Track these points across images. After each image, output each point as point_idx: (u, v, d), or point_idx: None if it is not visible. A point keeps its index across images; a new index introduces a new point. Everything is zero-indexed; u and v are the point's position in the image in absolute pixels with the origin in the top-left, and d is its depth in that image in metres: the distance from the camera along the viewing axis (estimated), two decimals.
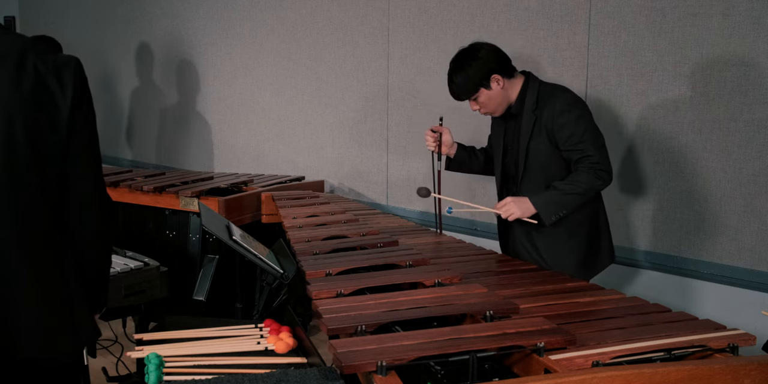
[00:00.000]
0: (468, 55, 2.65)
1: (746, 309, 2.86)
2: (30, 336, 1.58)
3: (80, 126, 1.61)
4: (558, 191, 2.55)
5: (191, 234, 3.73)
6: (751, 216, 2.85)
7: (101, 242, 1.73)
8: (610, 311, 1.81)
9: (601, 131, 2.64)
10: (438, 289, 1.93)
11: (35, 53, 1.58)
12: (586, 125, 2.58)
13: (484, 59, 2.62)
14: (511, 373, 1.52)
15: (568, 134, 2.56)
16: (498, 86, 2.63)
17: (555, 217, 2.55)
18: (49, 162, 1.58)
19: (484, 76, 2.61)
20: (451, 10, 3.69)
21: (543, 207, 2.54)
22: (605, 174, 2.54)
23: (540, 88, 2.66)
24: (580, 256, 2.68)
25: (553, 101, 2.60)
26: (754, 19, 2.76)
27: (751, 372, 1.35)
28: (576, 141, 2.55)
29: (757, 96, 2.78)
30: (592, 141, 2.55)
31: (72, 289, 1.65)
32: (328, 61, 4.32)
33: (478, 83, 2.62)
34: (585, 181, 2.53)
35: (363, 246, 2.47)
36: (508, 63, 2.68)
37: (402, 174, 4.05)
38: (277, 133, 4.68)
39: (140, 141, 5.68)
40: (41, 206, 1.59)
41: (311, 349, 1.87)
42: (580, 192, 2.53)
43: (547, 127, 2.60)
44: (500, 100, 2.67)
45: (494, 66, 2.62)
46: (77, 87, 1.61)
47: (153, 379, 1.70)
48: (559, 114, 2.58)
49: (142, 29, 5.52)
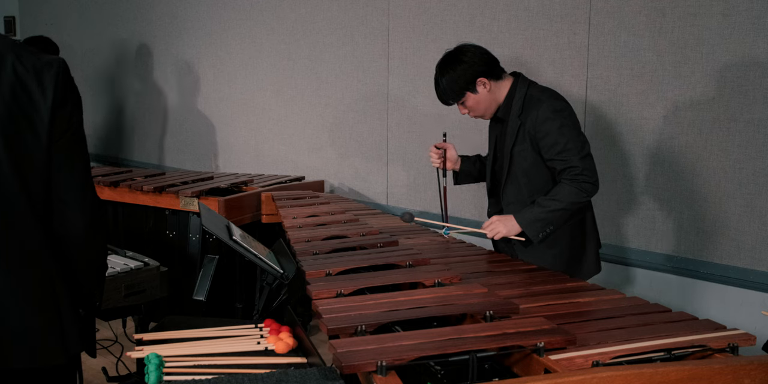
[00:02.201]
0: (453, 59, 2.60)
1: (746, 309, 2.86)
2: (21, 346, 1.57)
3: (62, 128, 1.59)
4: (542, 208, 2.48)
5: (191, 234, 3.73)
6: (751, 216, 2.85)
7: (90, 246, 1.69)
8: (610, 311, 1.81)
9: (586, 139, 2.56)
10: (438, 289, 1.93)
11: (15, 54, 1.57)
12: (570, 134, 2.49)
13: (470, 62, 2.56)
14: (511, 373, 1.52)
15: (551, 143, 2.49)
16: (485, 89, 2.58)
17: (542, 234, 2.49)
18: (30, 164, 1.56)
19: (470, 79, 2.56)
20: (451, 10, 3.69)
21: (528, 225, 2.49)
22: (589, 186, 2.47)
23: (528, 91, 2.58)
24: (561, 265, 2.58)
25: (537, 107, 2.52)
26: (754, 19, 2.76)
27: (751, 372, 1.35)
28: (559, 150, 2.48)
29: (757, 96, 2.78)
30: (576, 150, 2.47)
31: (61, 297, 1.62)
32: (328, 61, 4.32)
33: (464, 87, 2.57)
34: (568, 194, 2.45)
35: (363, 246, 2.47)
36: (495, 65, 2.62)
37: (402, 174, 4.05)
38: (277, 133, 4.68)
39: (140, 141, 5.68)
40: (24, 210, 1.57)
41: (311, 349, 1.87)
42: (565, 207, 2.46)
43: (530, 134, 2.54)
44: (488, 103, 2.62)
45: (480, 69, 2.56)
46: (58, 88, 1.59)
47: (153, 379, 1.70)
48: (542, 122, 2.50)
49: (142, 29, 5.52)
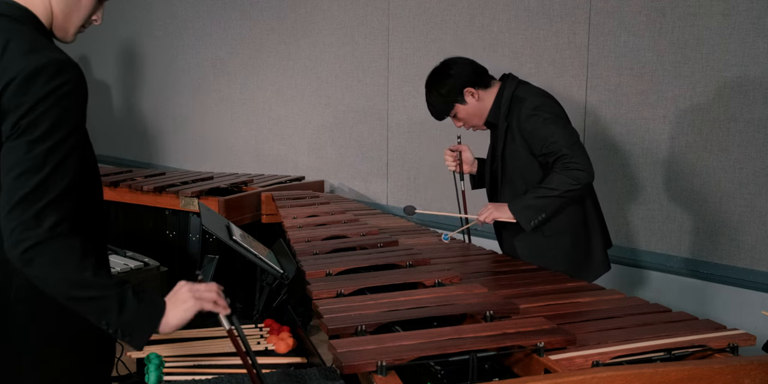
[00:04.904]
0: (441, 73, 2.61)
1: (746, 309, 2.86)
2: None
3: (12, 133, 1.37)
4: (533, 195, 2.48)
5: (191, 234, 3.73)
6: (751, 216, 2.85)
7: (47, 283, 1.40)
8: (610, 311, 1.81)
9: (574, 130, 2.54)
10: (438, 289, 1.93)
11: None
12: (555, 127, 2.48)
13: (457, 75, 2.57)
14: (511, 373, 1.52)
15: (539, 139, 2.49)
16: (474, 99, 2.58)
17: (534, 221, 2.49)
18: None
19: (458, 91, 2.57)
20: (451, 10, 3.69)
21: (520, 212, 2.49)
22: (580, 173, 2.43)
23: (514, 92, 2.58)
24: (567, 265, 2.56)
25: (519, 107, 2.53)
26: (754, 19, 2.76)
27: (751, 372, 1.35)
28: (547, 144, 2.47)
29: (757, 96, 2.78)
30: (563, 141, 2.46)
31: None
32: (328, 61, 4.32)
33: (453, 100, 2.58)
34: (558, 182, 2.44)
35: (363, 246, 2.47)
36: (483, 74, 2.62)
37: (402, 174, 4.05)
38: (277, 133, 4.68)
39: (140, 141, 5.68)
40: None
41: (311, 349, 1.87)
42: (556, 194, 2.45)
43: (518, 134, 2.55)
44: (479, 112, 2.62)
45: (468, 79, 2.57)
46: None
47: (153, 379, 1.70)
48: (525, 120, 2.51)
49: (141, 29, 5.52)
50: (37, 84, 1.35)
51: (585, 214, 2.65)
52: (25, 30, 1.44)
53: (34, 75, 1.35)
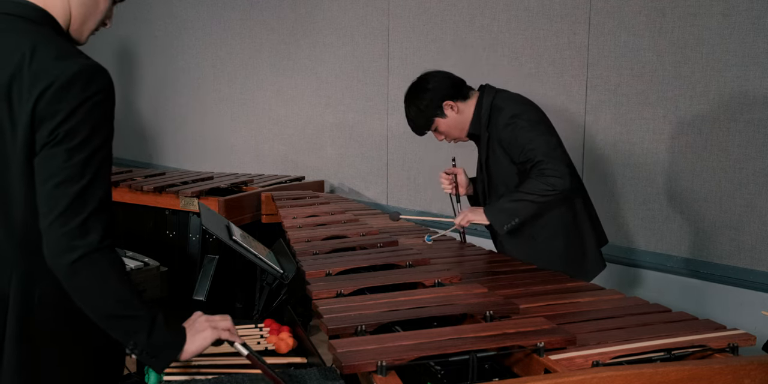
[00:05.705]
0: (418, 88, 2.61)
1: (746, 309, 2.86)
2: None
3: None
4: (507, 199, 2.51)
5: (191, 234, 3.73)
6: (751, 216, 2.85)
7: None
8: (610, 311, 1.81)
9: (554, 135, 2.54)
10: (438, 289, 1.93)
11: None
12: (532, 134, 2.49)
13: (434, 89, 2.58)
14: (511, 373, 1.52)
15: (517, 147, 2.50)
16: (453, 112, 2.59)
17: (507, 226, 2.51)
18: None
19: (437, 104, 2.58)
20: (451, 10, 3.69)
21: (494, 215, 2.51)
22: (555, 179, 2.43)
23: (493, 101, 2.58)
24: (562, 267, 2.52)
25: (497, 116, 2.54)
26: (754, 19, 2.76)
27: (751, 372, 1.35)
28: (525, 151, 2.49)
29: (757, 96, 2.78)
30: (541, 148, 2.47)
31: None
32: (328, 61, 4.32)
33: (432, 114, 2.59)
34: (532, 188, 2.45)
35: (363, 246, 2.47)
36: (461, 87, 2.62)
37: (402, 174, 4.05)
38: (277, 133, 4.68)
39: (140, 141, 5.68)
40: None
41: (311, 349, 1.87)
42: (530, 199, 2.46)
43: (498, 143, 2.56)
44: (460, 125, 2.63)
45: (446, 93, 2.58)
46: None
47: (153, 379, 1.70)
48: (503, 129, 2.52)
49: (141, 29, 5.52)
50: (72, 91, 1.34)
51: (575, 215, 2.67)
52: (48, 33, 1.43)
53: (70, 83, 1.34)
